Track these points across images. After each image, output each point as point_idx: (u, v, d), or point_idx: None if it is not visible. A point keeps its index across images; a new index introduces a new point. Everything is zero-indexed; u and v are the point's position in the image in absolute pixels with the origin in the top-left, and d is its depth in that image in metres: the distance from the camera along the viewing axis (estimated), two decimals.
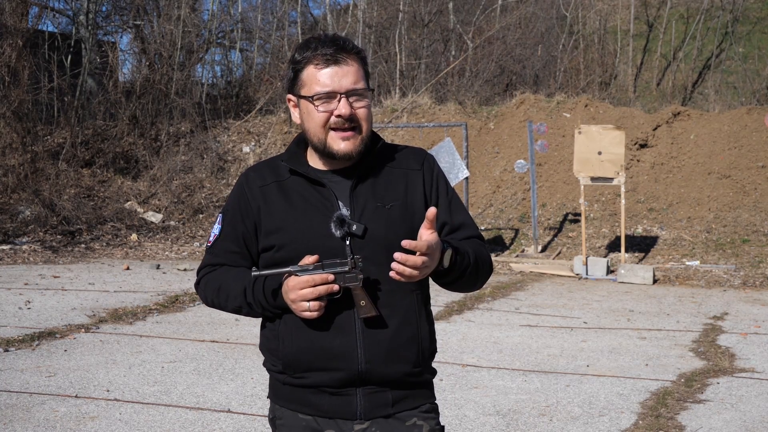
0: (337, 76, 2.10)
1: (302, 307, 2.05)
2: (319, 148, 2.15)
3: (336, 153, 2.13)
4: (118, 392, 5.57)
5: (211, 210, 14.99)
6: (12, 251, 12.19)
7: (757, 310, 9.30)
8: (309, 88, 2.12)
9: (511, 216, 14.38)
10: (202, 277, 2.27)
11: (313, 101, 2.11)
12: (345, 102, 2.10)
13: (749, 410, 5.44)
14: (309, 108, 2.13)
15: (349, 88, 2.11)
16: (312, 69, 2.12)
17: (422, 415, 2.20)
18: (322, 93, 2.10)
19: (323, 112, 2.11)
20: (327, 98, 2.10)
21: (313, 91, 2.11)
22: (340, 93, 2.10)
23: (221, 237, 2.24)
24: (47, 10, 17.52)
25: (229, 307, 2.21)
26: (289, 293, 2.06)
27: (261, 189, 2.19)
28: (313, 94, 2.11)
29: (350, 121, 2.12)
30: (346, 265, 2.05)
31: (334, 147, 2.13)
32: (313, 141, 2.16)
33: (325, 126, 2.12)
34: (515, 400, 5.58)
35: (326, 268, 2.05)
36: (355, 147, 2.13)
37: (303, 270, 2.05)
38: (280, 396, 2.22)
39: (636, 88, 22.18)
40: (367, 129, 2.16)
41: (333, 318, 2.11)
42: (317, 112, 2.11)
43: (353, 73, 2.12)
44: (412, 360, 2.16)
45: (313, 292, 2.03)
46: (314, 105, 2.11)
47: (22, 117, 14.27)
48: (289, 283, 2.06)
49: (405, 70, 19.95)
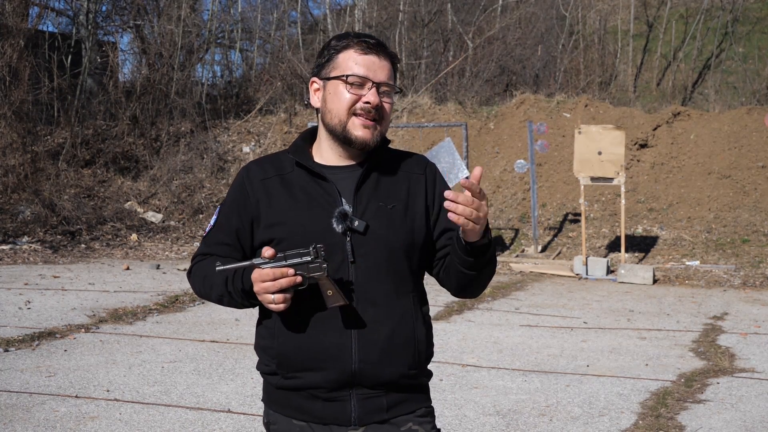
0: (375, 65, 2.13)
1: (267, 299, 2.02)
2: (337, 130, 2.14)
3: (354, 139, 2.13)
4: (118, 392, 5.57)
5: (211, 210, 14.99)
6: (12, 251, 12.19)
7: (757, 310, 9.30)
8: (344, 68, 2.13)
9: (511, 216, 14.39)
10: (192, 265, 2.28)
11: (347, 80, 2.11)
12: (375, 91, 2.11)
13: (749, 410, 5.44)
14: (338, 89, 2.13)
15: (383, 80, 2.13)
16: (352, 52, 2.13)
17: (417, 420, 2.17)
18: (358, 75, 2.11)
19: (353, 95, 2.11)
20: (360, 83, 2.12)
21: (348, 71, 2.12)
22: (374, 81, 2.12)
23: (215, 228, 2.24)
24: (48, 10, 17.52)
25: (213, 296, 2.19)
26: (255, 286, 2.04)
27: (262, 182, 2.18)
28: (348, 74, 2.12)
29: (375, 111, 2.13)
30: (308, 255, 2.01)
31: (354, 132, 2.12)
32: (332, 123, 2.14)
33: (350, 109, 2.12)
34: (515, 400, 5.58)
35: (288, 260, 2.02)
36: (373, 138, 2.14)
37: (265, 262, 2.02)
38: (274, 400, 2.21)
39: (636, 88, 22.17)
40: (386, 125, 2.17)
41: (328, 317, 2.09)
42: (347, 92, 2.12)
43: (388, 69, 2.15)
44: (408, 362, 2.14)
45: (275, 285, 2.00)
46: (347, 84, 2.12)
47: (23, 117, 14.26)
48: (253, 275, 2.04)
49: (405, 70, 19.95)
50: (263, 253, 2.02)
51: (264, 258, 2.02)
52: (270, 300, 2.02)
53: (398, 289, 2.14)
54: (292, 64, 18.42)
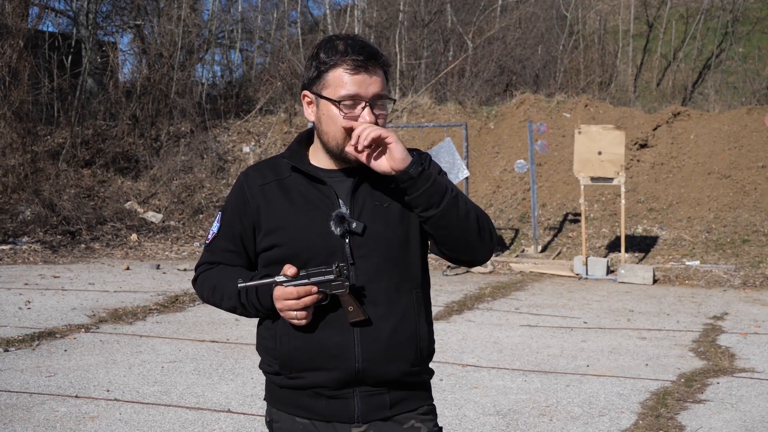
0: (365, 83, 2.09)
1: (290, 316, 2.07)
2: (334, 151, 2.14)
3: (351, 157, 2.12)
4: (118, 392, 5.57)
5: (211, 210, 14.99)
6: (12, 251, 12.19)
7: (757, 310, 9.30)
8: (334, 90, 2.10)
9: (511, 216, 14.39)
10: (199, 274, 2.29)
11: (339, 105, 2.10)
12: (369, 110, 2.10)
13: (749, 410, 5.44)
14: (332, 112, 2.11)
15: (375, 95, 2.11)
16: (341, 72, 2.09)
17: (420, 417, 2.19)
18: (348, 97, 2.09)
19: (347, 118, 2.10)
20: (352, 104, 2.10)
21: (339, 95, 2.09)
22: (366, 100, 2.10)
23: (219, 235, 2.25)
24: (48, 10, 17.53)
25: (224, 306, 2.22)
26: (276, 303, 2.08)
27: (261, 187, 2.19)
28: (339, 98, 2.09)
29: None
30: (331, 273, 2.05)
31: (352, 153, 2.12)
32: (329, 144, 2.14)
33: (345, 132, 2.11)
34: (515, 400, 5.58)
35: (311, 278, 2.05)
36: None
37: (289, 280, 2.05)
38: (277, 399, 2.21)
39: (636, 88, 22.18)
40: None
41: (331, 317, 2.11)
42: (341, 117, 2.10)
43: (379, 83, 2.12)
44: (411, 359, 2.15)
45: (298, 303, 2.05)
46: (339, 109, 2.10)
47: (23, 117, 14.26)
48: (276, 292, 2.08)
49: (405, 70, 19.95)
50: (285, 270, 2.05)
51: (287, 276, 2.05)
52: (293, 317, 2.07)
53: (399, 286, 2.15)
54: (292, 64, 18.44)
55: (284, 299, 2.06)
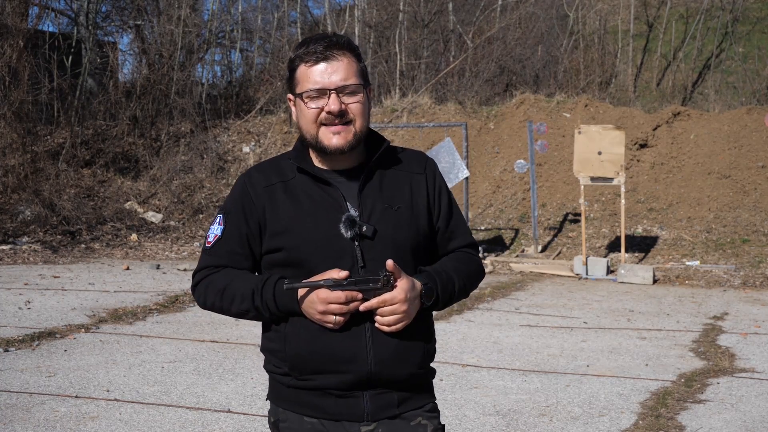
0: (327, 72, 2.11)
1: (328, 319, 2.06)
2: (312, 143, 2.16)
3: (327, 148, 2.13)
4: (118, 392, 5.57)
5: (211, 210, 14.99)
6: (12, 251, 12.19)
7: (757, 310, 9.30)
8: (302, 86, 2.13)
9: (511, 216, 14.39)
10: (202, 278, 2.22)
11: (302, 98, 2.13)
12: (335, 98, 2.10)
13: (749, 410, 5.44)
14: (302, 107, 2.14)
15: (339, 84, 2.11)
16: (303, 67, 2.13)
17: (426, 415, 2.21)
18: (312, 90, 2.11)
19: (313, 109, 2.12)
20: (318, 95, 2.11)
21: (304, 89, 2.12)
22: (330, 89, 2.10)
23: (224, 238, 2.20)
24: (48, 10, 17.53)
25: (233, 310, 2.16)
26: (317, 305, 2.05)
27: (266, 189, 2.17)
28: (303, 92, 2.12)
29: (341, 117, 2.12)
30: (378, 282, 2.05)
31: (325, 142, 2.13)
32: (306, 137, 2.17)
33: (316, 122, 2.12)
34: (515, 400, 5.58)
35: (358, 285, 2.05)
36: (347, 141, 2.13)
37: (336, 285, 2.03)
38: (284, 398, 2.19)
39: (636, 88, 22.17)
40: (362, 124, 2.15)
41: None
42: (307, 108, 2.12)
43: (343, 68, 2.12)
44: (418, 361, 2.17)
45: (341, 308, 2.04)
46: (304, 102, 2.12)
47: (23, 117, 14.26)
48: (320, 294, 2.04)
49: (405, 70, 19.95)
50: (333, 274, 2.03)
51: (336, 279, 2.03)
52: (331, 320, 2.06)
53: None
54: None
55: (329, 302, 2.03)
